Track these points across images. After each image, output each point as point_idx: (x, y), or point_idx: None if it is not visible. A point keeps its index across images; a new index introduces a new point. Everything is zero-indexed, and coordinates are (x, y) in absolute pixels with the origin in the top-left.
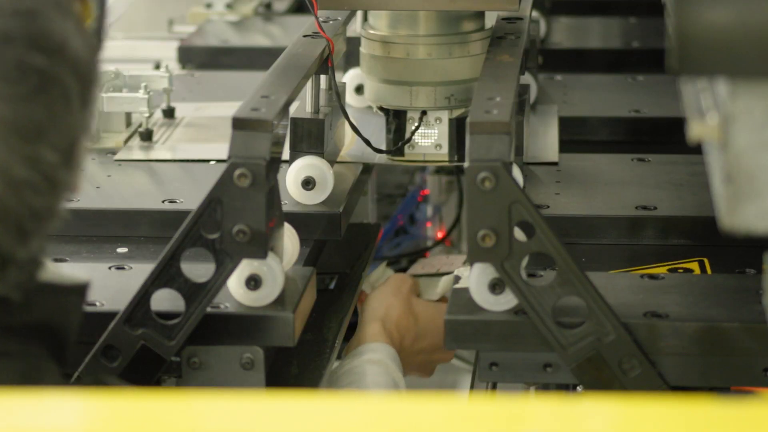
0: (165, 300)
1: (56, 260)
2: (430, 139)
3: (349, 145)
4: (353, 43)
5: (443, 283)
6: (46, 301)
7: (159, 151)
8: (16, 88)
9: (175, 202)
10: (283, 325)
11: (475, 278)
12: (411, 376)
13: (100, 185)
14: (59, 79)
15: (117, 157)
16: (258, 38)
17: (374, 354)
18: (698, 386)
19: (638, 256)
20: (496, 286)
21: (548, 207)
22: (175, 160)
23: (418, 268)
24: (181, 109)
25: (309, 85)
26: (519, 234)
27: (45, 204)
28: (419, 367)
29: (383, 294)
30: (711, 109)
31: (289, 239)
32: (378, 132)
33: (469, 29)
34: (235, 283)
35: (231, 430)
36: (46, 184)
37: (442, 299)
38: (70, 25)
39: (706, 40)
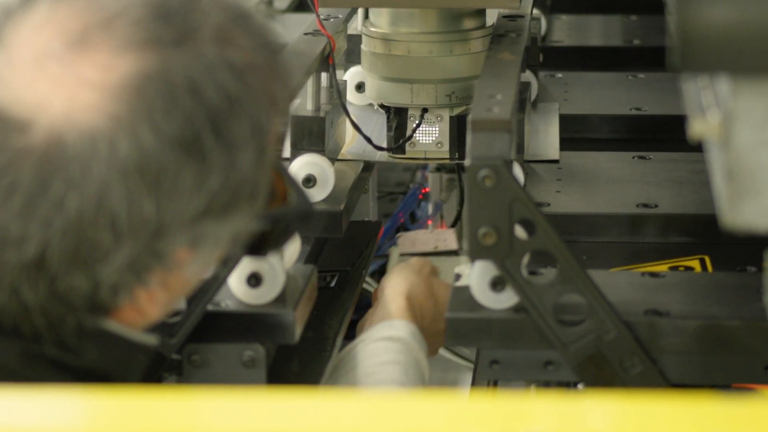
0: None
1: None
2: (431, 136)
3: (350, 142)
4: (354, 40)
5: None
6: (103, 349)
7: None
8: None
9: None
10: (284, 323)
11: (476, 276)
12: None
13: None
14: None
15: None
16: None
17: (399, 330)
18: (699, 384)
19: (639, 253)
20: (496, 284)
21: (549, 205)
22: None
23: (407, 245)
24: None
25: (310, 82)
26: (520, 232)
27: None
28: (430, 347)
29: (405, 271)
30: (712, 107)
31: None
32: (379, 130)
33: (470, 27)
34: (236, 281)
35: (232, 428)
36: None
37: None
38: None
39: (707, 38)
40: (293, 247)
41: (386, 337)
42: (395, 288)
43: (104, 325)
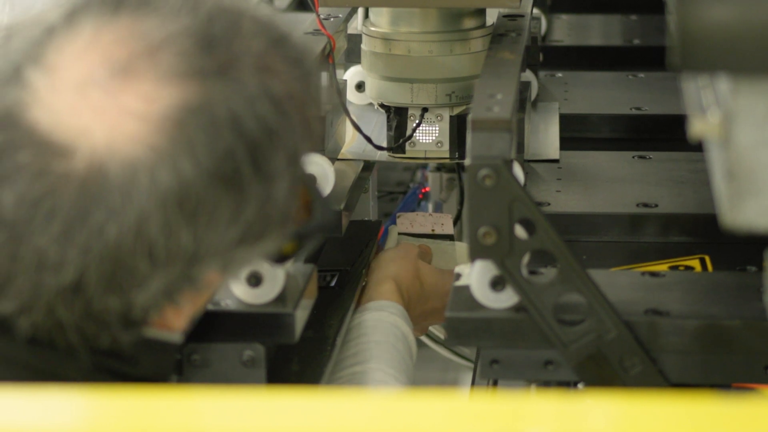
0: None
1: None
2: (431, 136)
3: (350, 142)
4: (354, 40)
5: (460, 251)
6: (150, 356)
7: None
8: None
9: None
10: (284, 323)
11: (476, 276)
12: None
13: None
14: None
15: None
16: None
17: (385, 310)
18: (699, 383)
19: (639, 253)
20: (497, 284)
21: (549, 204)
22: None
23: (406, 225)
24: None
25: None
26: (520, 231)
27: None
28: (417, 327)
29: (393, 255)
30: (712, 106)
31: None
32: (379, 129)
33: (470, 26)
34: (236, 281)
35: (232, 428)
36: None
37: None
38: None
39: (707, 37)
40: None
41: (378, 316)
42: (382, 271)
43: (148, 334)
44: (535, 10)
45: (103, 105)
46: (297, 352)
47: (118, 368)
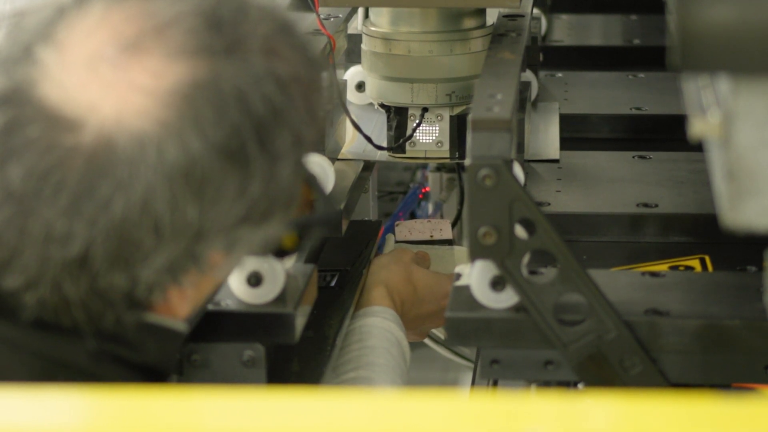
0: None
1: None
2: (431, 136)
3: (350, 142)
4: (354, 40)
5: (458, 255)
6: (154, 342)
7: None
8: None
9: None
10: (284, 323)
11: (476, 276)
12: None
13: None
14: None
15: None
16: None
17: (379, 315)
18: (699, 383)
19: (639, 253)
20: (497, 284)
21: (549, 204)
22: None
23: (404, 233)
24: None
25: None
26: (520, 231)
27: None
28: (414, 331)
29: (384, 261)
30: (712, 107)
31: None
32: (379, 129)
33: (470, 26)
34: (236, 280)
35: (232, 428)
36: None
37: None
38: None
39: (708, 37)
40: None
41: (371, 321)
42: (373, 277)
43: (152, 319)
44: (535, 10)
45: (111, 80)
46: (297, 352)
47: (122, 354)
